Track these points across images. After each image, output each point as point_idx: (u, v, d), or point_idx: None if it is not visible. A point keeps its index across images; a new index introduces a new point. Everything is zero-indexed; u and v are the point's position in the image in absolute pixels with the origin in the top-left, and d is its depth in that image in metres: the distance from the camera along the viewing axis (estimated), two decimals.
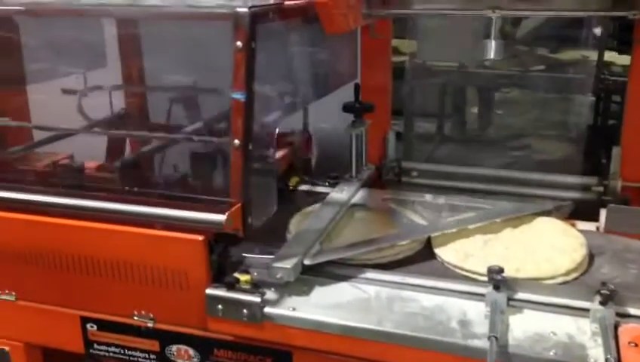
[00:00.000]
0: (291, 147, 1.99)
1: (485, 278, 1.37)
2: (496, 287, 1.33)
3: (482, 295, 1.37)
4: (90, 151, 1.90)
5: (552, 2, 1.63)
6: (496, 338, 1.23)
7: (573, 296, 1.38)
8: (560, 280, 1.48)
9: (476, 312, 1.37)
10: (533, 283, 1.43)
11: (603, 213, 1.73)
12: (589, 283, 1.46)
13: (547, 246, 1.59)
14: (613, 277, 1.48)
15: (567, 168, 2.08)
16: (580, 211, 1.84)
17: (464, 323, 1.34)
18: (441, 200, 1.88)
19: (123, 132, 2.08)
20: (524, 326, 1.33)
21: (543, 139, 2.41)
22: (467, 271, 1.52)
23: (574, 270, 1.51)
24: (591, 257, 1.58)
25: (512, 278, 1.40)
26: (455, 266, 1.54)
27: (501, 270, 1.35)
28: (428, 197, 1.91)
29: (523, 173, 2.02)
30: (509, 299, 1.37)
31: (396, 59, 2.18)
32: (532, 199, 1.88)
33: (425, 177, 2.10)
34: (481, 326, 1.32)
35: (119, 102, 2.15)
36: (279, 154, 1.88)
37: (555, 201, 1.82)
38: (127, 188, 1.67)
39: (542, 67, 2.43)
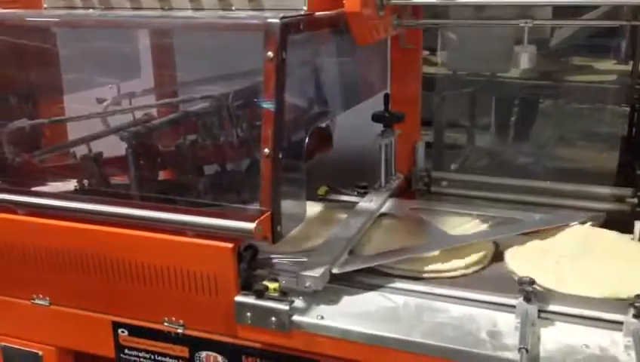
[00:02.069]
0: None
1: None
2: (527, 299, 1.32)
3: (512, 306, 1.36)
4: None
5: (584, 12, 1.62)
6: (526, 350, 1.22)
7: (606, 308, 1.36)
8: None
9: (506, 323, 1.36)
10: (565, 295, 1.41)
11: (638, 224, 1.70)
12: None
13: None
14: None
15: (601, 179, 2.05)
16: (614, 223, 1.80)
17: (494, 334, 1.33)
18: (471, 210, 1.87)
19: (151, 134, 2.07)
20: (555, 338, 1.31)
21: (575, 149, 2.39)
22: None
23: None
24: None
25: (543, 290, 1.38)
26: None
27: (532, 281, 1.33)
28: (457, 207, 1.90)
29: (555, 184, 2.00)
30: (540, 310, 1.35)
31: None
32: (564, 210, 1.85)
33: (455, 187, 2.09)
34: (512, 338, 1.30)
35: (151, 112, 2.18)
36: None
37: (588, 212, 1.79)
38: (154, 194, 1.70)
39: (581, 77, 2.40)
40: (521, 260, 1.59)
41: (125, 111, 1.95)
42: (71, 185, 1.84)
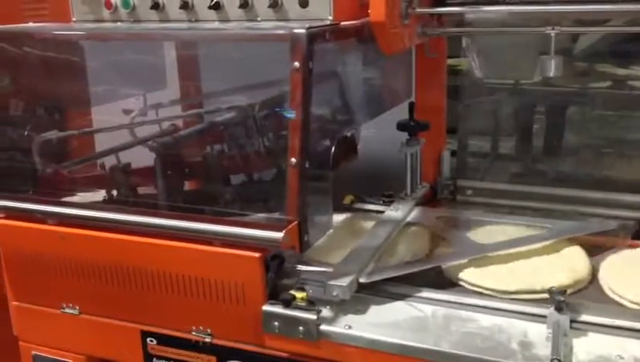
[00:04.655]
0: None
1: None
2: (559, 309, 1.30)
3: (543, 316, 1.34)
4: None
5: (612, 18, 1.60)
6: (559, 361, 1.20)
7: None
8: None
9: (537, 333, 1.34)
10: (598, 306, 1.39)
11: None
12: None
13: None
14: None
15: (630, 187, 2.02)
16: None
17: (525, 345, 1.31)
18: (498, 218, 1.85)
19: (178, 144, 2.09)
20: (588, 348, 1.29)
21: (603, 156, 2.35)
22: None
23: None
24: None
25: (575, 300, 1.36)
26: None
27: (564, 291, 1.31)
28: (484, 215, 1.89)
29: (583, 192, 1.98)
30: (572, 320, 1.33)
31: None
32: (594, 218, 1.82)
33: (481, 195, 2.08)
34: (543, 348, 1.29)
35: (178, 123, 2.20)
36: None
37: (618, 221, 1.77)
38: (182, 204, 1.71)
39: (607, 83, 2.37)
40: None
41: (153, 122, 1.97)
42: (99, 195, 1.86)
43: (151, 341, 1.64)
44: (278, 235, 1.38)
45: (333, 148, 1.55)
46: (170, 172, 1.85)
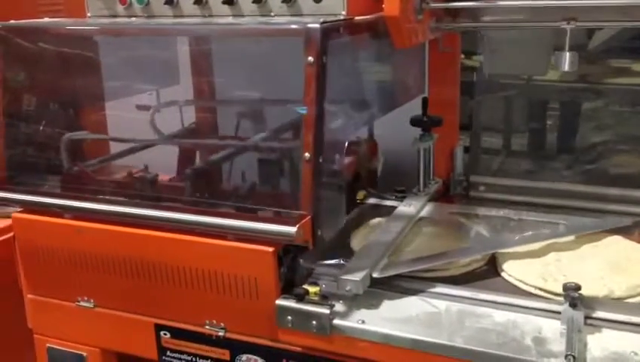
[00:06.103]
0: (357, 156, 1.97)
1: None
2: (573, 305, 1.30)
3: (557, 312, 1.34)
4: (162, 165, 1.96)
5: (630, 12, 1.59)
6: (574, 357, 1.20)
7: None
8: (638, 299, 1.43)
9: (551, 330, 1.34)
10: (612, 302, 1.38)
11: None
12: None
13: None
14: None
15: None
16: None
17: (539, 341, 1.31)
18: (511, 214, 1.85)
19: (193, 140, 2.12)
20: (602, 345, 1.29)
21: (618, 153, 2.34)
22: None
23: None
24: None
25: (589, 296, 1.36)
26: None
27: (578, 287, 1.31)
28: (497, 211, 1.88)
29: (598, 188, 1.96)
30: (586, 316, 1.32)
31: None
32: (609, 215, 1.81)
33: (494, 191, 2.07)
34: (557, 344, 1.28)
35: (190, 117, 2.21)
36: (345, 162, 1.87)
37: (633, 217, 1.75)
38: (196, 198, 1.72)
39: (622, 79, 2.35)
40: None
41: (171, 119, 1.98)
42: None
43: (165, 334, 1.65)
44: (292, 230, 1.39)
45: (346, 143, 1.56)
46: (188, 168, 1.85)
